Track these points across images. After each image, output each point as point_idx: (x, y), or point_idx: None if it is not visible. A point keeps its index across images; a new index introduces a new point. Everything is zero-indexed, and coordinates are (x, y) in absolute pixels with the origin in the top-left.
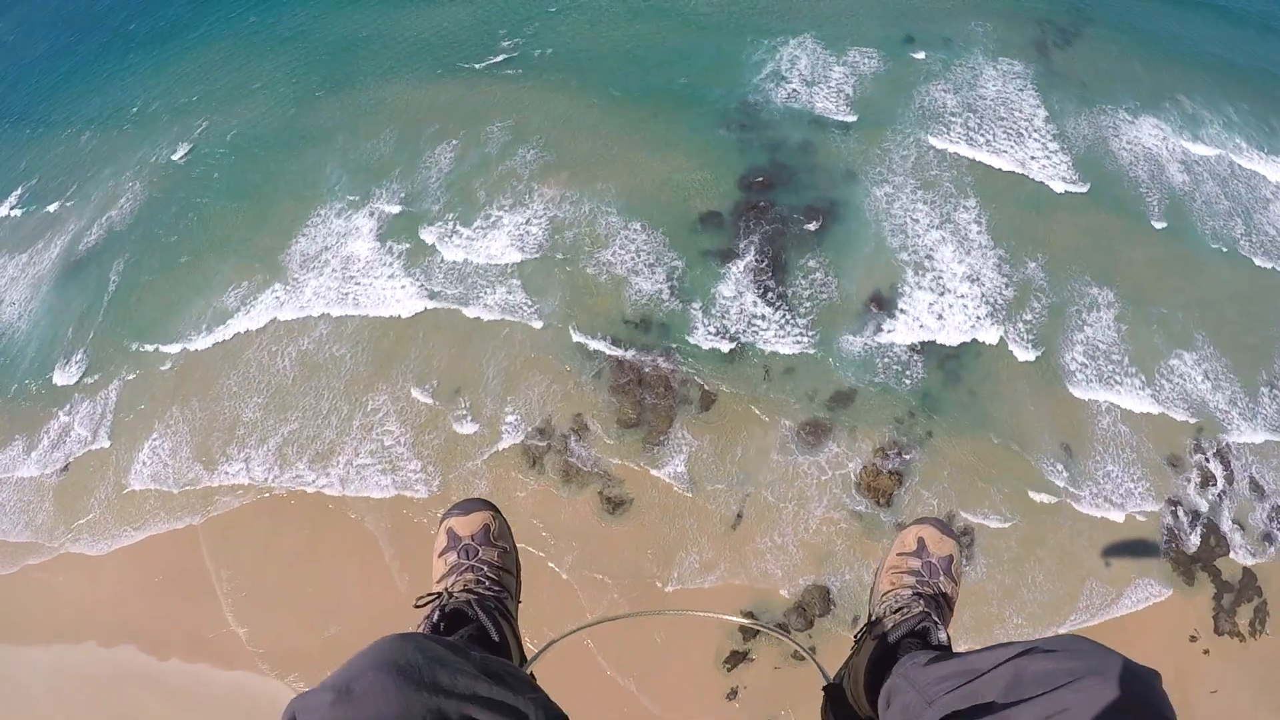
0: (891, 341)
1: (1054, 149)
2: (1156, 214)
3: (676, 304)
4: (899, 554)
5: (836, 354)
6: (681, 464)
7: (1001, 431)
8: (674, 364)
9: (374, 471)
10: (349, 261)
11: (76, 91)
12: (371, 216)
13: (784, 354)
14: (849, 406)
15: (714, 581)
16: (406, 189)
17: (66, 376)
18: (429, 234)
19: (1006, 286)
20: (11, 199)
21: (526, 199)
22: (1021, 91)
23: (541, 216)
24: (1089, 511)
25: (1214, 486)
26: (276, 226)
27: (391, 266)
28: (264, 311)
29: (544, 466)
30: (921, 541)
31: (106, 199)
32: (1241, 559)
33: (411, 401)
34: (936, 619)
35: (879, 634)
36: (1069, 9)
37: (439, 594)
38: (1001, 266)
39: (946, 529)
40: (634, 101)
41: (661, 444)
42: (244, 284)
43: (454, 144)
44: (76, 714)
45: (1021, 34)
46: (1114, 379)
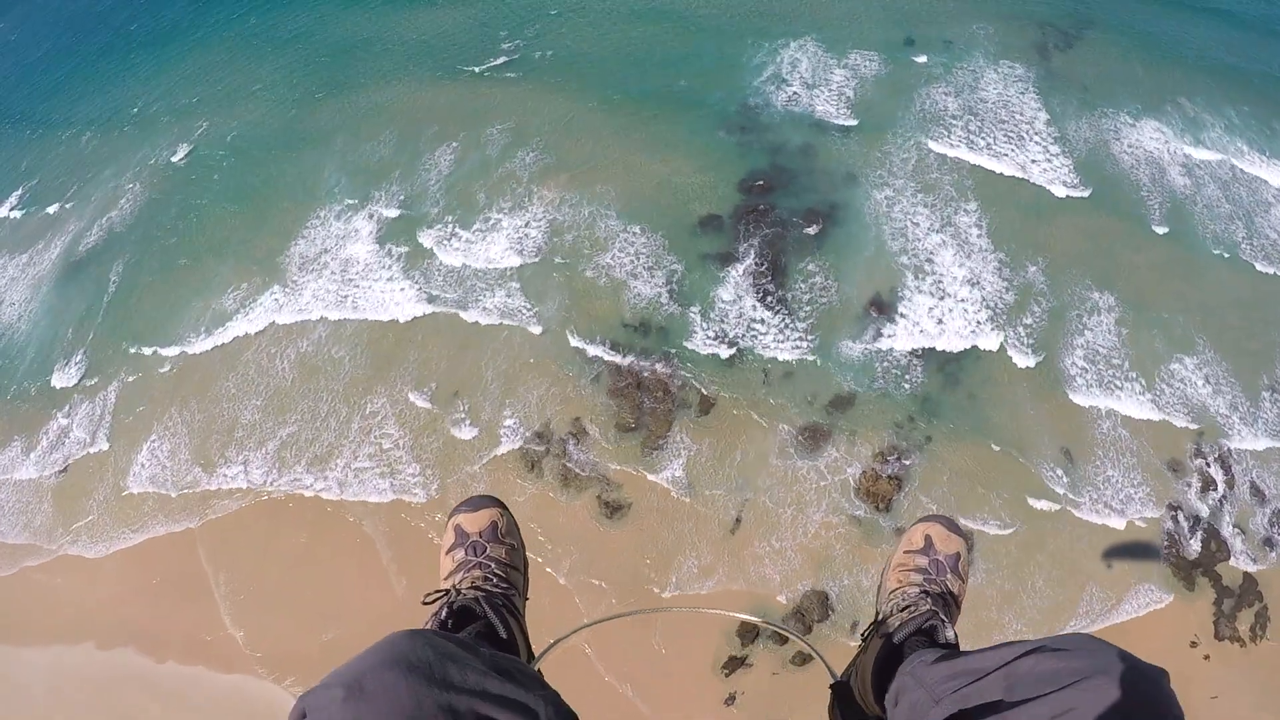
0: (891, 346)
1: (1055, 152)
2: (1158, 218)
3: (675, 308)
4: (906, 551)
5: (836, 358)
6: (680, 468)
7: (1001, 437)
8: (672, 368)
9: (372, 475)
10: (348, 264)
11: (78, 92)
12: (371, 219)
13: (783, 358)
14: (848, 411)
15: (712, 587)
16: (406, 191)
17: (66, 378)
18: (428, 237)
19: (1007, 290)
20: (12, 199)
21: (526, 202)
22: (1023, 95)
23: (541, 219)
24: (1089, 518)
25: (1215, 491)
26: (276, 229)
27: (390, 269)
28: (263, 314)
29: (542, 470)
30: (929, 539)
31: (106, 200)
32: (1242, 564)
33: (410, 405)
34: (944, 617)
35: (886, 632)
36: (1070, 12)
37: (447, 591)
38: (1002, 270)
39: (954, 526)
40: (634, 104)
41: (660, 448)
42: (243, 286)
43: (454, 146)
44: (76, 715)
45: (1023, 37)
46: (1114, 384)
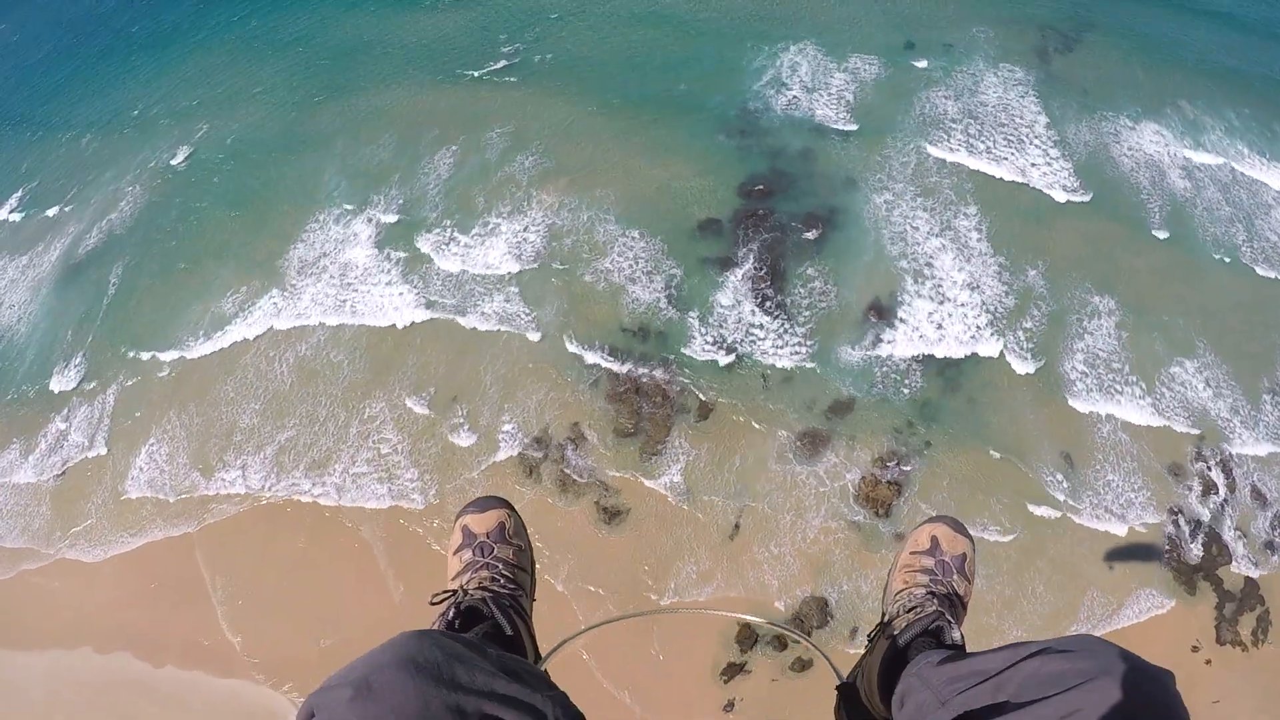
0: (890, 352)
1: (1055, 156)
2: (1158, 222)
3: (674, 312)
4: (912, 552)
5: (835, 363)
6: (678, 474)
7: (1001, 442)
8: (671, 373)
9: (370, 480)
10: (347, 268)
11: (78, 94)
12: (370, 223)
13: (782, 364)
14: (847, 416)
15: (710, 593)
16: (405, 195)
17: (64, 381)
18: (428, 241)
19: (1007, 295)
20: (12, 201)
21: (525, 206)
22: (1023, 98)
23: (540, 224)
24: (1090, 523)
25: (1216, 495)
26: (275, 232)
27: (389, 274)
28: (262, 318)
29: (540, 476)
30: (935, 540)
31: (106, 203)
32: (1244, 569)
33: (408, 410)
34: (950, 618)
35: (892, 633)
36: (1070, 15)
37: (454, 591)
38: (1002, 274)
39: (960, 527)
40: (634, 108)
41: (659, 454)
42: (242, 289)
43: (453, 150)
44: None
45: (1023, 40)
46: (1115, 388)
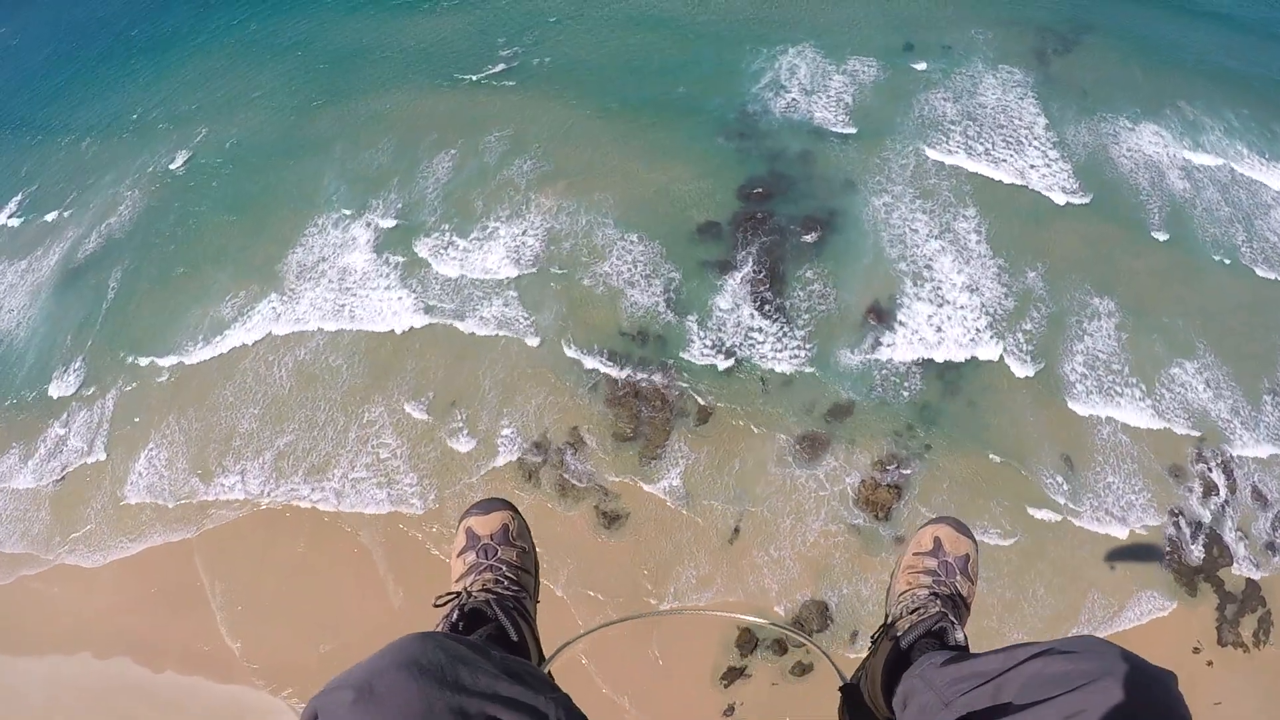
0: (890, 355)
1: (1054, 157)
2: (1157, 223)
3: (673, 316)
4: (915, 553)
5: (834, 366)
6: (678, 478)
7: (1001, 444)
8: (670, 378)
9: (369, 485)
10: (345, 273)
11: (77, 98)
12: (368, 228)
13: (781, 368)
14: (847, 420)
15: (710, 598)
16: (404, 199)
17: (63, 387)
18: (426, 246)
19: (1006, 297)
20: (11, 205)
21: (524, 210)
22: (1022, 100)
23: (538, 228)
24: (1090, 526)
25: (1217, 496)
26: (274, 236)
27: (388, 278)
28: (260, 323)
29: (540, 480)
30: (938, 541)
31: (105, 207)
32: (1245, 570)
33: (407, 415)
34: (953, 619)
35: (895, 634)
36: (1069, 16)
37: (458, 593)
38: (1001, 276)
39: (963, 528)
40: (632, 111)
41: (658, 458)
42: (241, 294)
43: (452, 154)
44: None
45: (1022, 41)
46: (1115, 390)
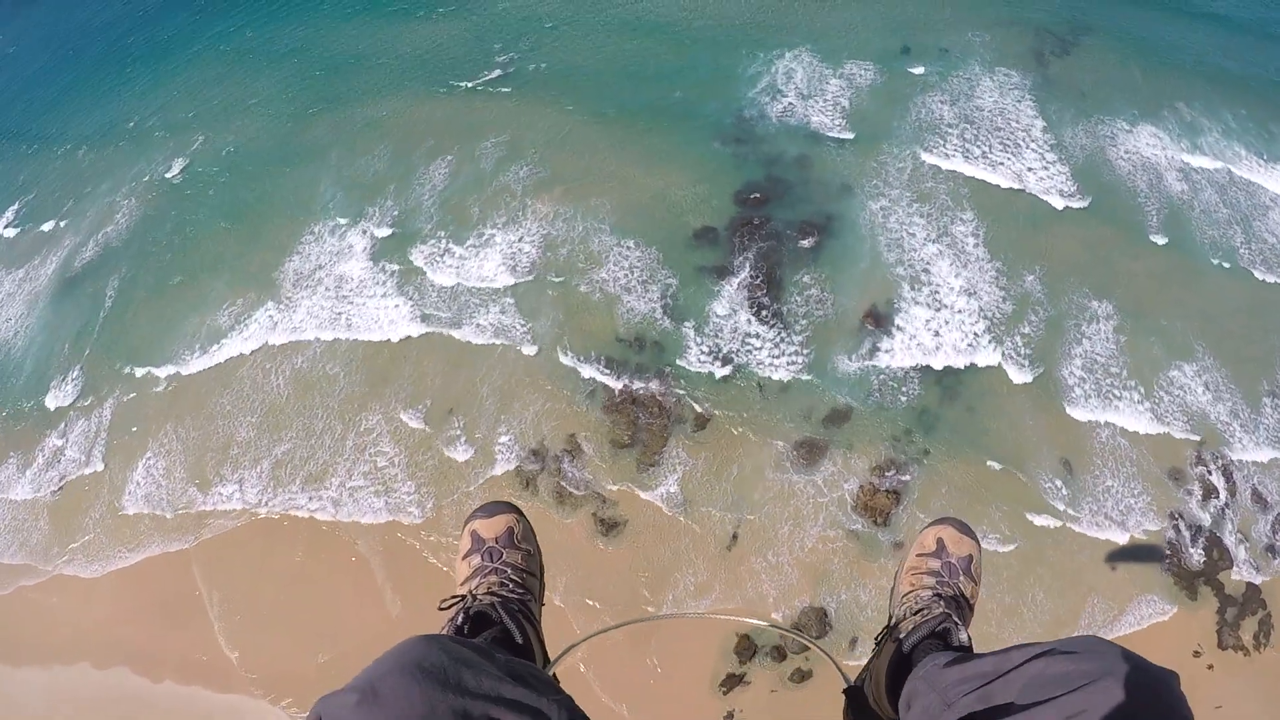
0: (888, 361)
1: (1052, 160)
2: (1155, 225)
3: (670, 323)
4: (918, 555)
5: (832, 372)
6: (676, 485)
7: (1000, 449)
8: (667, 385)
9: (367, 494)
10: (342, 281)
11: (74, 106)
12: (365, 236)
13: (778, 375)
14: (845, 425)
15: (709, 604)
16: (401, 207)
17: (61, 397)
18: (422, 253)
19: (1004, 300)
20: (8, 214)
21: (520, 217)
22: (1019, 102)
23: (535, 234)
24: (1090, 531)
25: (1216, 500)
26: (270, 245)
27: (385, 286)
28: (258, 332)
29: (537, 488)
30: (941, 542)
31: (102, 216)
32: (1245, 574)
33: (404, 423)
34: (957, 620)
35: (899, 636)
36: (1067, 18)
37: (463, 596)
38: (999, 280)
39: (966, 529)
40: (629, 117)
41: (656, 465)
42: (238, 303)
43: (448, 161)
44: None
45: (1019, 44)
46: (1114, 394)
